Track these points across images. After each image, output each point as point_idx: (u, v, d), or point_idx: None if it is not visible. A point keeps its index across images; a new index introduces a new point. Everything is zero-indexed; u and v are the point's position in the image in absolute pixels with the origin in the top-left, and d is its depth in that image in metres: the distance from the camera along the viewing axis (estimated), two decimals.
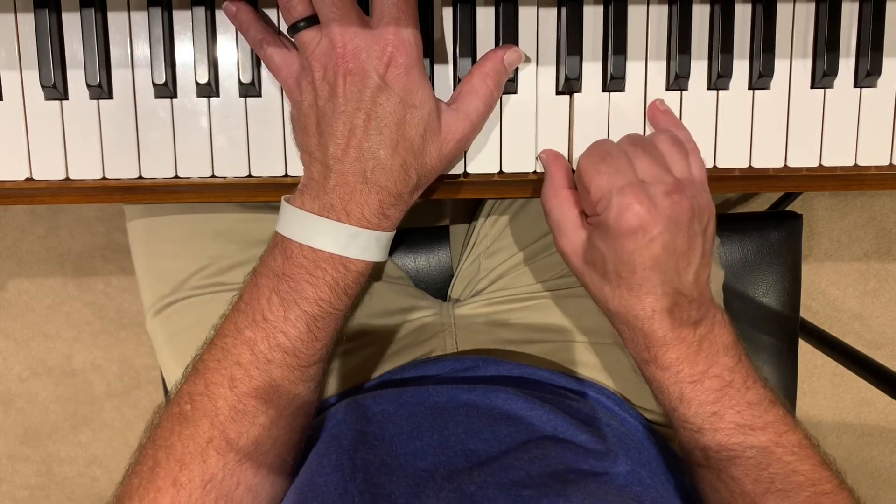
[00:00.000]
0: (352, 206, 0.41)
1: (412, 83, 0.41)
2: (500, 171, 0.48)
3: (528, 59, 0.46)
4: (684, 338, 0.43)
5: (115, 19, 0.46)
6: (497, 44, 0.46)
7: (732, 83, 0.47)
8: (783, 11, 0.47)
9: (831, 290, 1.30)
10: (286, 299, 0.42)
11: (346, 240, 0.41)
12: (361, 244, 0.41)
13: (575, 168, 0.45)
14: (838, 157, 0.48)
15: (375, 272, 0.60)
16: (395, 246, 0.68)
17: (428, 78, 0.42)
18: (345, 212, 0.41)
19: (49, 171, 0.47)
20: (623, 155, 0.41)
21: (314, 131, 0.41)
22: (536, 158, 0.47)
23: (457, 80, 0.46)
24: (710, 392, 0.43)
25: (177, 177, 0.47)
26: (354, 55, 0.40)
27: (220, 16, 0.46)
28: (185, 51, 0.46)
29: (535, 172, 0.48)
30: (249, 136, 0.47)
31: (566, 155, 0.48)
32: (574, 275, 0.46)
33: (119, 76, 0.46)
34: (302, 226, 0.41)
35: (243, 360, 0.42)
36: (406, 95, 0.40)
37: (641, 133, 0.47)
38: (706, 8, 0.47)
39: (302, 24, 0.41)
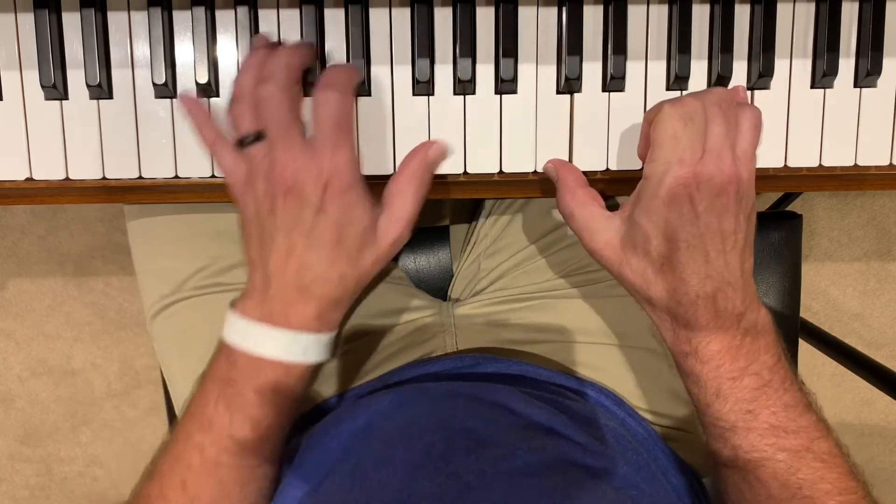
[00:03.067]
0: (292, 313, 0.43)
1: (347, 203, 0.42)
2: (500, 171, 0.48)
3: (452, 152, 0.47)
4: (727, 329, 0.42)
5: (115, 19, 0.46)
6: (497, 44, 0.46)
7: (732, 83, 0.47)
8: (783, 11, 0.47)
9: (831, 290, 1.30)
10: (231, 404, 0.43)
11: (286, 345, 0.43)
12: (301, 348, 0.43)
13: (649, 119, 0.44)
14: (838, 157, 0.48)
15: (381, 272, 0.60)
16: None
17: (365, 192, 0.43)
18: (285, 318, 0.43)
19: (49, 171, 0.47)
20: (702, 123, 0.41)
21: (256, 243, 0.44)
22: (536, 160, 0.47)
23: (456, 80, 0.46)
24: (748, 390, 0.43)
25: (177, 177, 0.47)
26: (293, 177, 0.41)
27: (220, 16, 0.46)
28: (185, 51, 0.46)
29: (534, 172, 0.48)
30: None
31: (566, 156, 0.48)
32: (609, 271, 0.45)
33: (119, 76, 0.46)
34: (244, 333, 0.43)
35: (194, 463, 0.43)
36: (342, 215, 0.42)
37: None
38: (706, 8, 0.47)
39: (249, 138, 0.43)
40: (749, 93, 0.48)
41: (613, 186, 0.49)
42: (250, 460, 0.44)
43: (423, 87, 0.46)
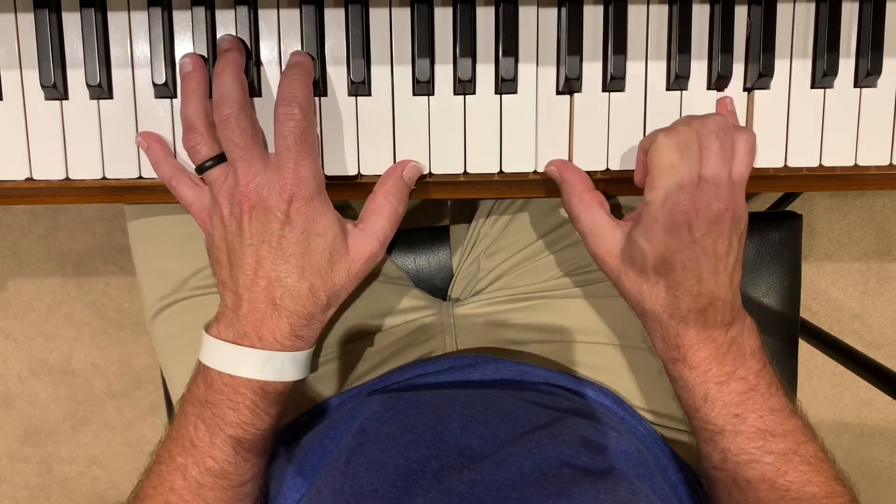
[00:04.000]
0: (264, 331, 0.43)
1: (313, 214, 0.42)
2: (500, 171, 0.48)
3: (424, 169, 0.47)
4: (715, 338, 0.44)
5: (115, 19, 0.46)
6: (497, 44, 0.46)
7: (732, 83, 0.47)
8: (783, 11, 0.47)
9: (831, 290, 1.30)
10: (210, 425, 0.43)
11: (260, 364, 0.43)
12: (276, 366, 0.43)
13: (646, 144, 0.45)
14: (838, 157, 0.48)
15: (374, 271, 0.60)
16: (396, 246, 0.68)
17: (330, 204, 0.44)
18: (258, 337, 0.43)
19: (49, 171, 0.47)
20: (697, 149, 0.42)
21: (226, 263, 0.44)
22: (536, 160, 0.47)
23: (456, 80, 0.46)
24: (735, 394, 0.44)
25: None
26: (257, 192, 0.42)
27: (220, 16, 0.46)
28: (185, 51, 0.46)
29: (535, 172, 0.48)
30: None
31: (566, 156, 0.48)
32: (608, 276, 0.47)
33: (119, 76, 0.46)
34: (218, 354, 0.43)
35: (177, 485, 0.44)
36: (308, 226, 0.42)
37: (643, 134, 0.47)
38: (706, 8, 0.47)
39: (209, 163, 0.44)
40: (749, 93, 0.48)
41: (613, 186, 0.49)
42: (233, 480, 0.44)
43: (424, 87, 0.46)
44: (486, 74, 0.47)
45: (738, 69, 0.47)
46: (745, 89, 0.48)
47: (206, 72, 0.45)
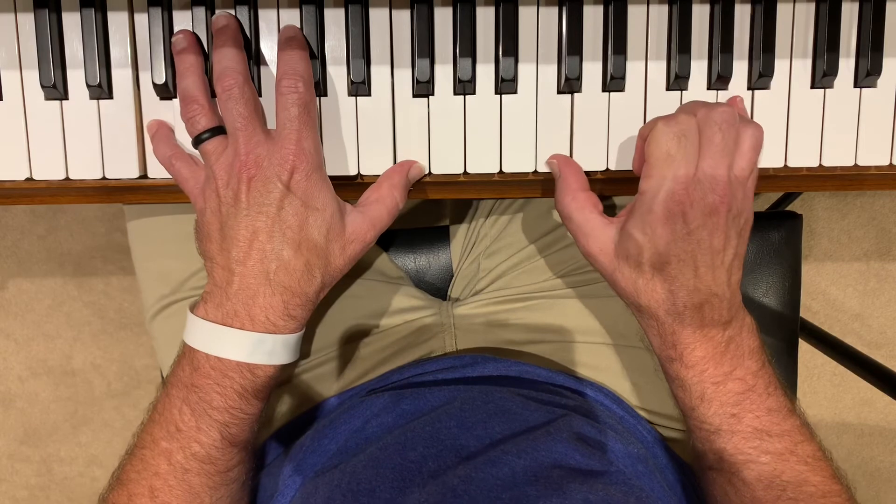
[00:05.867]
0: (256, 310, 0.41)
1: (313, 187, 0.42)
2: (500, 171, 0.48)
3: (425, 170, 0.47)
4: (712, 337, 0.43)
5: (115, 19, 0.46)
6: (497, 44, 0.46)
7: (732, 83, 0.47)
8: (783, 11, 0.47)
9: (831, 290, 1.30)
10: (196, 409, 0.42)
11: (251, 347, 0.41)
12: (267, 349, 0.42)
13: (644, 133, 0.45)
14: (838, 157, 0.48)
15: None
16: (396, 246, 0.68)
17: (329, 182, 0.44)
18: (249, 317, 0.41)
19: (49, 171, 0.47)
20: (697, 140, 0.41)
21: (216, 236, 0.42)
22: (536, 160, 0.47)
23: (456, 80, 0.46)
24: (732, 394, 0.44)
25: None
26: (257, 163, 0.41)
27: None
28: None
29: (535, 172, 0.48)
30: None
31: (567, 155, 0.48)
32: (602, 274, 0.46)
33: (119, 76, 0.46)
34: (206, 336, 0.42)
35: (161, 470, 0.43)
36: (308, 199, 0.42)
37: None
38: (706, 8, 0.47)
39: (206, 135, 0.43)
40: (749, 93, 0.48)
41: (613, 186, 0.49)
42: (219, 465, 0.43)
43: (424, 87, 0.46)
44: (486, 74, 0.47)
45: (738, 69, 0.47)
46: (745, 89, 0.48)
47: (200, 51, 0.44)
